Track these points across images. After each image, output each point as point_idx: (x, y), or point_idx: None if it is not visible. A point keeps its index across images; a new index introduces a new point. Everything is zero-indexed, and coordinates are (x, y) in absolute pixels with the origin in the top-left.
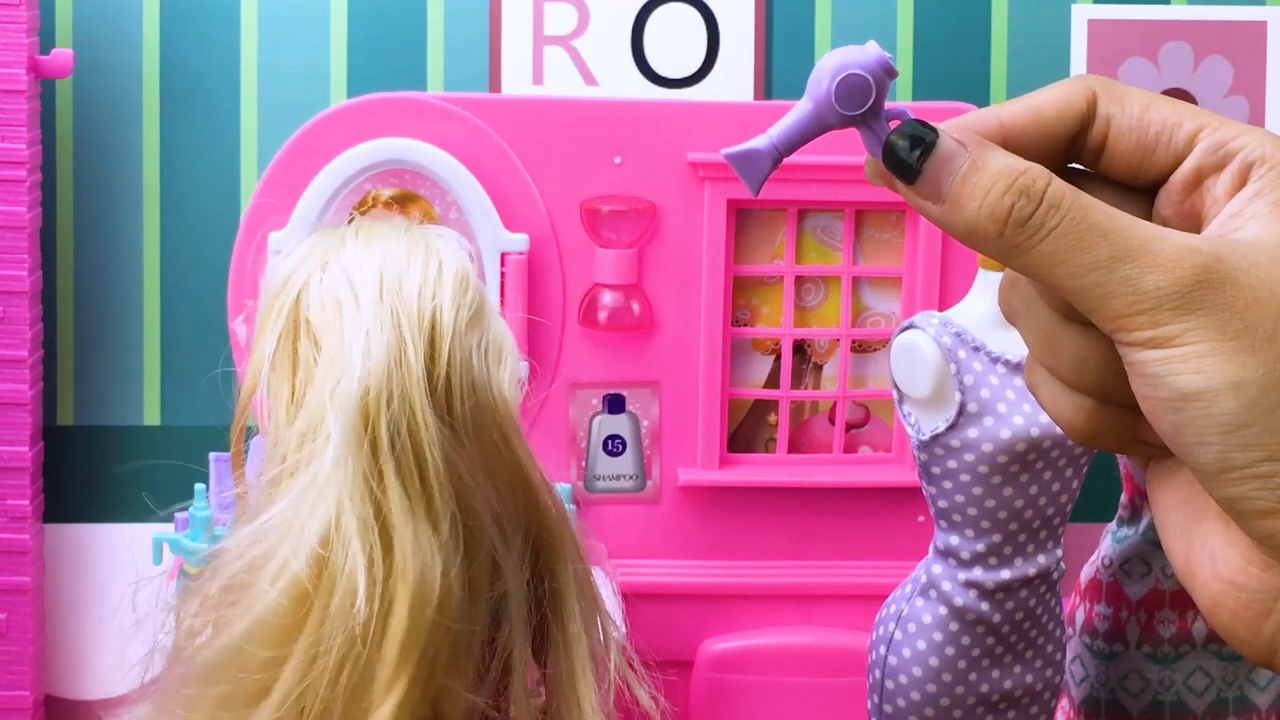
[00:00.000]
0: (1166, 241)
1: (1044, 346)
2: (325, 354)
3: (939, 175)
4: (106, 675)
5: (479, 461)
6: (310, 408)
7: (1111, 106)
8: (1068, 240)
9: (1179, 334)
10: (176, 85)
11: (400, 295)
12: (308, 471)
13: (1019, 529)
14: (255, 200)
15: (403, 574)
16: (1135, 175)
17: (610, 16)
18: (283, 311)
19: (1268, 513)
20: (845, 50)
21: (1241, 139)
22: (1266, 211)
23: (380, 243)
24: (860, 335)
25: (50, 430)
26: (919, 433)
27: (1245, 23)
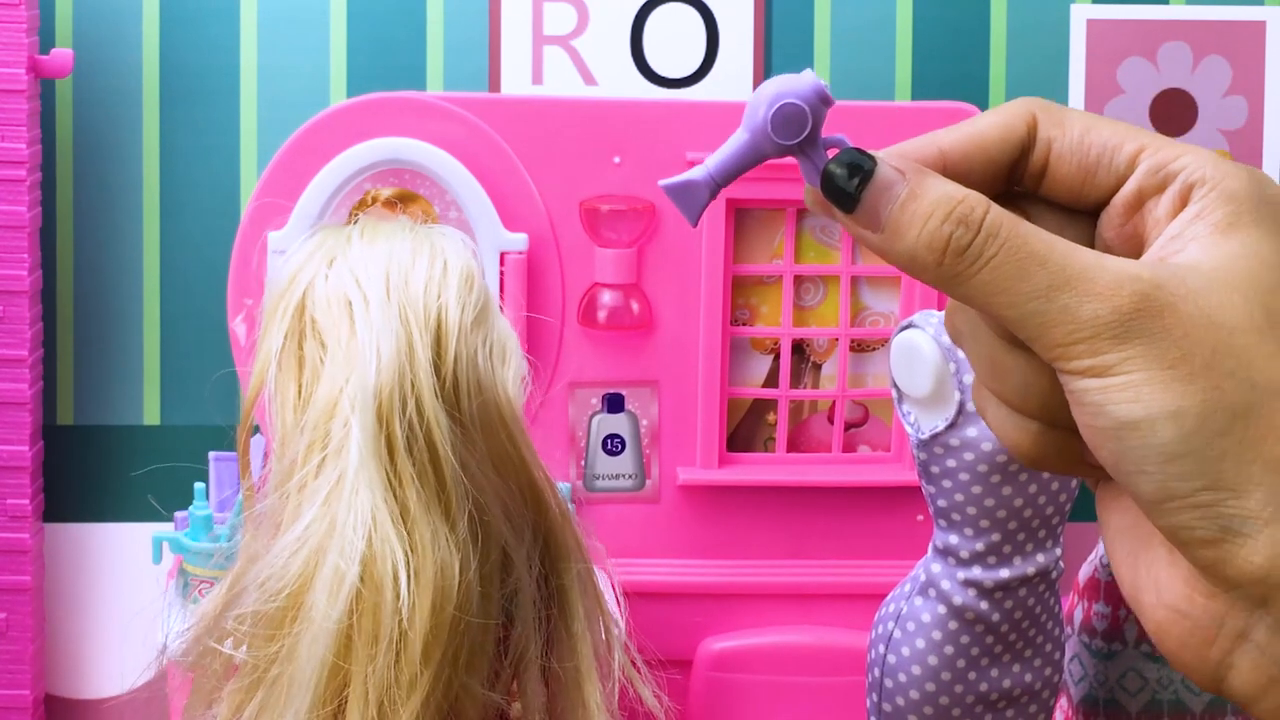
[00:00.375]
0: (1105, 269)
1: (989, 371)
2: (333, 354)
3: (877, 204)
4: (106, 675)
5: (487, 459)
6: (320, 409)
7: (1052, 130)
8: (1006, 269)
9: (1117, 363)
10: (176, 85)
11: (407, 293)
12: (329, 474)
13: (1018, 528)
14: (255, 200)
15: (424, 573)
16: (1077, 198)
17: (610, 16)
18: (288, 310)
19: (1209, 542)
20: (781, 79)
21: (1182, 160)
22: (1206, 233)
23: (385, 241)
24: (859, 334)
25: (50, 430)
26: (918, 432)
27: (1245, 23)
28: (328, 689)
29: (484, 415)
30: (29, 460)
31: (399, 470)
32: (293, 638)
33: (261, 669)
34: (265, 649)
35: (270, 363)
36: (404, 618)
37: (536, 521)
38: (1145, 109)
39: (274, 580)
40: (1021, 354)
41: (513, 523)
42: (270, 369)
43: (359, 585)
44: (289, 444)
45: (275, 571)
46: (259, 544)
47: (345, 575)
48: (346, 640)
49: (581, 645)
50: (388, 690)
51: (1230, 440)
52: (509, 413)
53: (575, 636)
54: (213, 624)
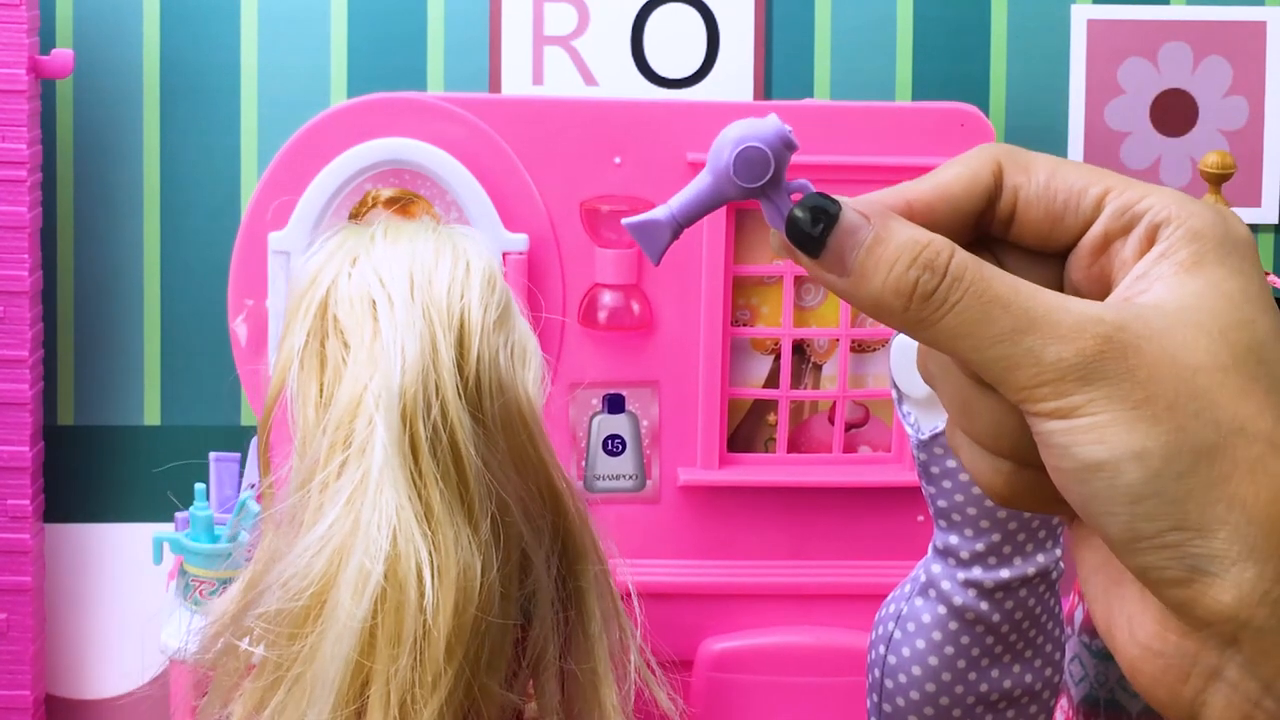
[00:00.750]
0: (1069, 311)
1: (961, 411)
2: (356, 353)
3: (842, 248)
4: (106, 675)
5: (508, 460)
6: (344, 408)
7: (1018, 177)
8: (971, 314)
9: (1082, 404)
10: (176, 85)
11: (430, 294)
12: (352, 473)
13: (1018, 528)
14: (258, 196)
15: (447, 573)
16: (1046, 242)
17: (610, 17)
18: (310, 308)
19: (1177, 581)
20: (746, 122)
21: (1148, 200)
22: (1171, 273)
23: (408, 241)
24: (859, 335)
25: (50, 430)
26: (918, 432)
27: (1245, 23)
28: (351, 687)
29: (505, 416)
30: (29, 460)
31: (423, 470)
32: (316, 636)
33: (284, 667)
34: (288, 648)
35: (292, 361)
36: (428, 617)
37: (555, 522)
38: (1145, 109)
39: (297, 579)
40: (991, 396)
41: (532, 524)
42: (292, 367)
43: (383, 584)
44: (310, 443)
45: (299, 570)
46: (280, 543)
47: (370, 574)
48: (370, 639)
49: (598, 647)
50: (410, 689)
51: (1195, 480)
52: (529, 413)
53: (592, 638)
54: (232, 622)
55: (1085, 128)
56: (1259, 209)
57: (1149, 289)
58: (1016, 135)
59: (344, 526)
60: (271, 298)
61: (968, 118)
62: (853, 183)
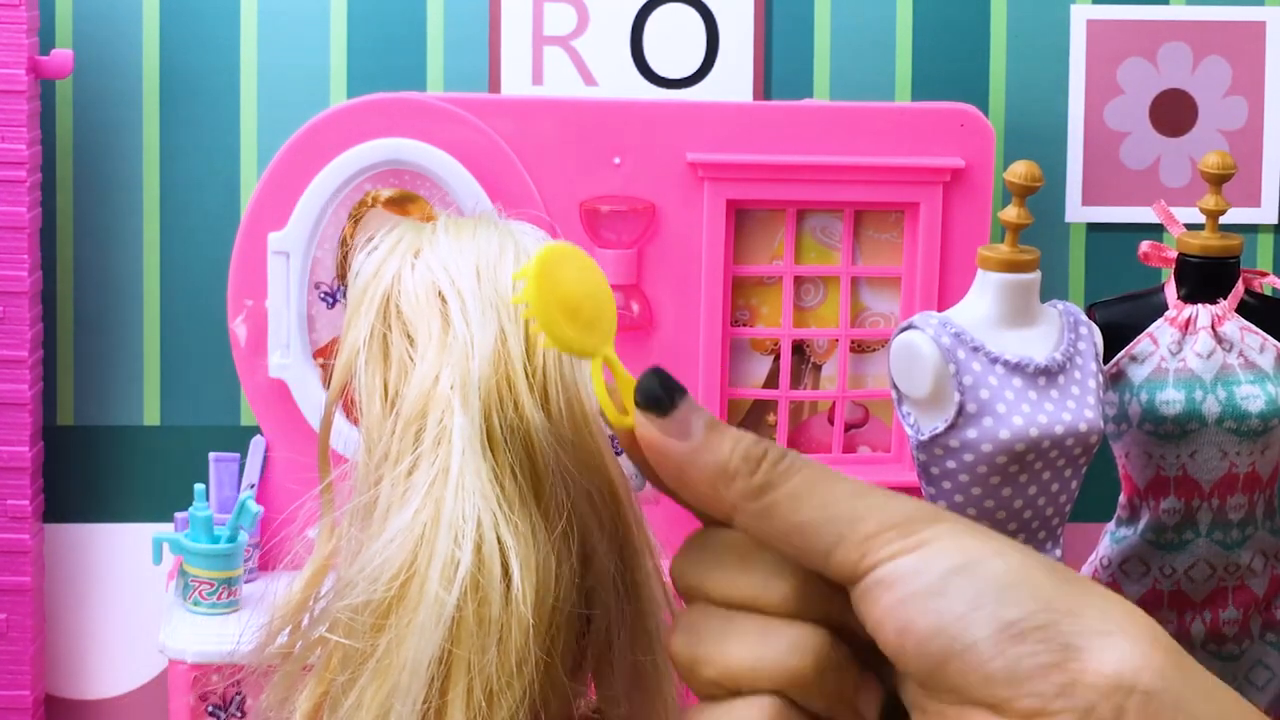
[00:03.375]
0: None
1: (759, 572)
2: (423, 348)
3: (688, 415)
4: (106, 675)
5: (573, 454)
6: (416, 401)
7: None
8: (817, 476)
9: (932, 537)
10: (176, 85)
11: (497, 288)
12: (427, 468)
13: (1018, 529)
14: (258, 196)
15: (528, 562)
16: None
17: (610, 16)
18: (374, 302)
19: (1054, 665)
20: None
21: (905, 514)
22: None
23: (470, 237)
24: (859, 335)
25: (50, 430)
26: (918, 433)
27: (1244, 23)
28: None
29: (569, 412)
30: (29, 461)
31: (500, 462)
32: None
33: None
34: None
35: (357, 354)
36: (514, 605)
37: (613, 516)
38: (1145, 109)
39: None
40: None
41: (596, 517)
42: (359, 360)
43: (473, 571)
44: (378, 438)
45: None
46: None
47: (459, 561)
48: (459, 627)
49: (656, 640)
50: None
51: (1055, 570)
52: (590, 409)
53: (650, 632)
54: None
55: (1085, 128)
56: (1259, 209)
57: None
58: (1016, 135)
59: (427, 515)
60: (271, 298)
61: (968, 118)
62: (853, 183)
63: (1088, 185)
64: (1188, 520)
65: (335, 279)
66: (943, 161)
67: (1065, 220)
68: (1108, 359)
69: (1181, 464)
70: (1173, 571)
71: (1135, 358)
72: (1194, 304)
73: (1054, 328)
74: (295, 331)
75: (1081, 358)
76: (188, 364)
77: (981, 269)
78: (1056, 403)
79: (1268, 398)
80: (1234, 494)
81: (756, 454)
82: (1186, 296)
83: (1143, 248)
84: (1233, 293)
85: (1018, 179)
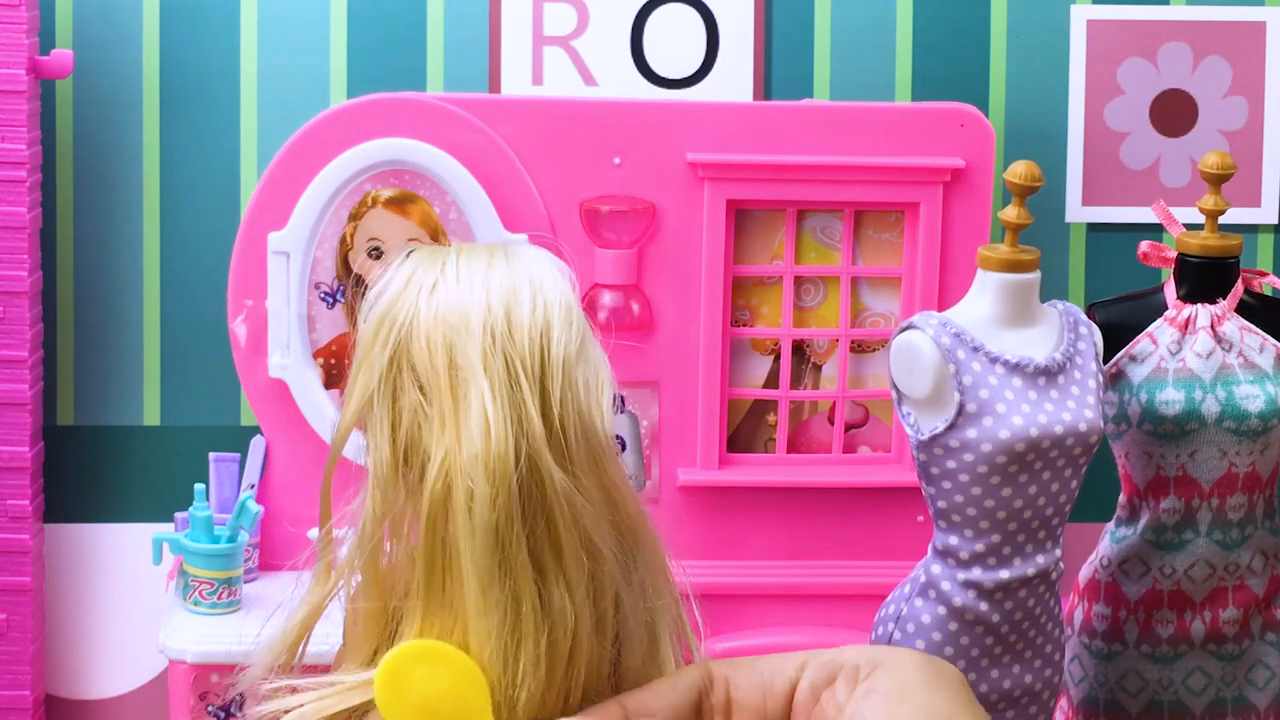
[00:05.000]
0: None
1: None
2: (436, 408)
3: None
4: (106, 675)
5: (596, 497)
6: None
7: (726, 669)
8: None
9: None
10: (176, 85)
11: (511, 340)
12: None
13: (1018, 529)
14: (258, 196)
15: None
16: (762, 712)
17: (610, 17)
18: (386, 346)
19: None
20: None
21: (845, 653)
22: (882, 704)
23: (482, 278)
24: (859, 335)
25: (50, 430)
26: (918, 433)
27: (1244, 23)
28: None
29: (589, 451)
30: (29, 461)
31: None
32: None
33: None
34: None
35: (370, 397)
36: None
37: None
38: (1145, 109)
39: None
40: None
41: (620, 557)
42: (374, 407)
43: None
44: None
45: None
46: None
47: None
48: None
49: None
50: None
51: None
52: (608, 445)
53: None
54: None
55: (1085, 128)
56: (1259, 209)
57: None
58: (1016, 135)
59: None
60: (271, 298)
61: (968, 118)
62: (853, 183)
63: (1088, 185)
64: (1187, 520)
65: (335, 279)
66: (943, 161)
67: (1065, 220)
68: (1108, 359)
69: (1181, 464)
70: (1173, 571)
71: (1135, 358)
72: (1193, 304)
73: (1054, 328)
74: (295, 331)
75: (1081, 358)
76: (188, 364)
77: (981, 269)
78: (1056, 403)
79: (1267, 398)
80: (1234, 494)
81: None
82: (1186, 296)
83: (1142, 248)
84: (1232, 293)
85: (1018, 179)
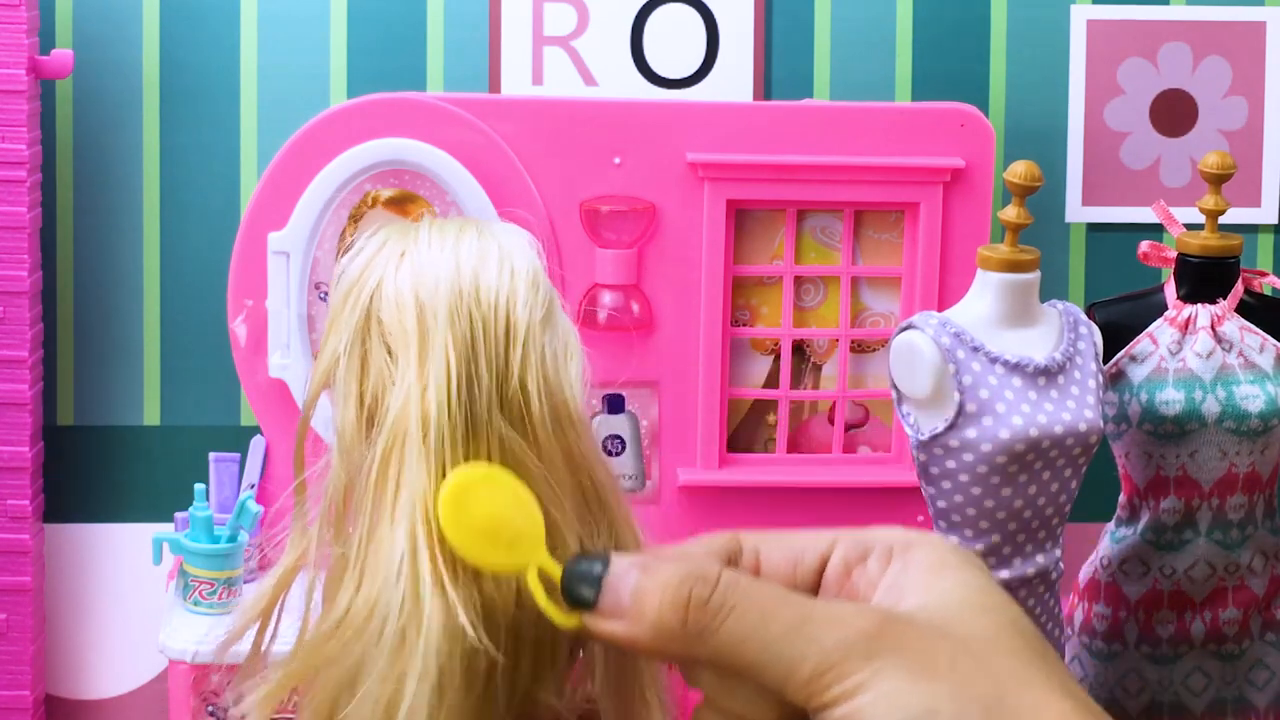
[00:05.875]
0: (843, 605)
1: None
2: (402, 362)
3: (618, 590)
4: (106, 675)
5: (559, 460)
6: (391, 423)
7: (755, 540)
8: (750, 617)
9: (868, 679)
10: (176, 85)
11: (476, 300)
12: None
13: (1018, 529)
14: (258, 196)
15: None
16: (791, 582)
17: (610, 17)
18: (355, 308)
19: None
20: None
21: (876, 532)
22: (921, 577)
23: (453, 244)
24: (859, 335)
25: (50, 430)
26: (918, 433)
27: (1244, 23)
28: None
29: (554, 417)
30: (29, 461)
31: None
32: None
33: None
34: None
35: (338, 360)
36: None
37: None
38: (1145, 109)
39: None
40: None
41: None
42: (339, 367)
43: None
44: (351, 444)
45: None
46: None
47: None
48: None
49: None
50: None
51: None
52: (576, 412)
53: None
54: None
55: (1085, 128)
56: (1259, 209)
57: (903, 596)
58: (1016, 135)
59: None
60: (271, 298)
61: (968, 118)
62: (853, 183)
63: (1088, 185)
64: (1187, 520)
65: None
66: (943, 161)
67: (1065, 220)
68: (1108, 359)
69: (1181, 464)
70: (1173, 571)
71: (1135, 358)
72: (1194, 304)
73: (1054, 328)
74: (295, 331)
75: (1081, 358)
76: (188, 364)
77: (981, 269)
78: (1056, 403)
79: (1267, 398)
80: (1234, 494)
81: (681, 600)
82: (1186, 296)
83: (1142, 248)
84: (1232, 293)
85: (1018, 179)
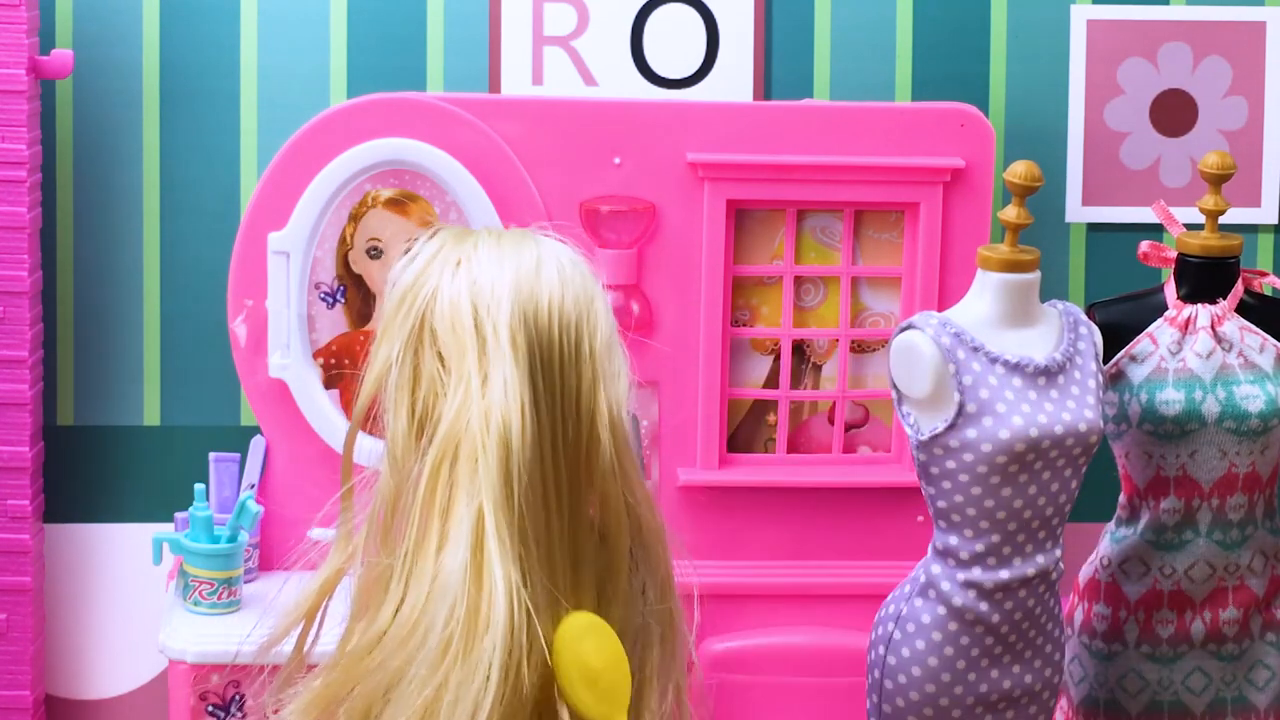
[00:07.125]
0: None
1: None
2: (455, 377)
3: None
4: (106, 675)
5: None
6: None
7: None
8: None
9: None
10: (176, 85)
11: (534, 320)
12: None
13: (1018, 529)
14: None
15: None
16: None
17: (610, 17)
18: (410, 316)
19: None
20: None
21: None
22: None
23: (511, 260)
24: (859, 335)
25: (50, 430)
26: (918, 433)
27: (1244, 23)
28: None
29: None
30: (29, 461)
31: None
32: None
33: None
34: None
35: (390, 368)
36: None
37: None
38: (1145, 109)
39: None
40: None
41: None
42: (390, 375)
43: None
44: (402, 454)
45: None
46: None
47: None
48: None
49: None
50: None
51: None
52: (622, 431)
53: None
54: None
55: (1085, 128)
56: (1259, 209)
57: None
58: (1016, 135)
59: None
60: (271, 298)
61: (968, 118)
62: (853, 183)
63: (1088, 185)
64: (1187, 520)
65: (335, 279)
66: (943, 161)
67: (1065, 220)
68: (1108, 359)
69: (1181, 464)
70: (1173, 571)
71: (1135, 358)
72: (1194, 304)
73: (1054, 328)
74: (295, 331)
75: (1081, 358)
76: (188, 364)
77: (981, 269)
78: (1056, 403)
79: (1267, 398)
80: (1234, 494)
81: None
82: (1186, 296)
83: (1142, 248)
84: (1232, 293)
85: (1018, 179)
